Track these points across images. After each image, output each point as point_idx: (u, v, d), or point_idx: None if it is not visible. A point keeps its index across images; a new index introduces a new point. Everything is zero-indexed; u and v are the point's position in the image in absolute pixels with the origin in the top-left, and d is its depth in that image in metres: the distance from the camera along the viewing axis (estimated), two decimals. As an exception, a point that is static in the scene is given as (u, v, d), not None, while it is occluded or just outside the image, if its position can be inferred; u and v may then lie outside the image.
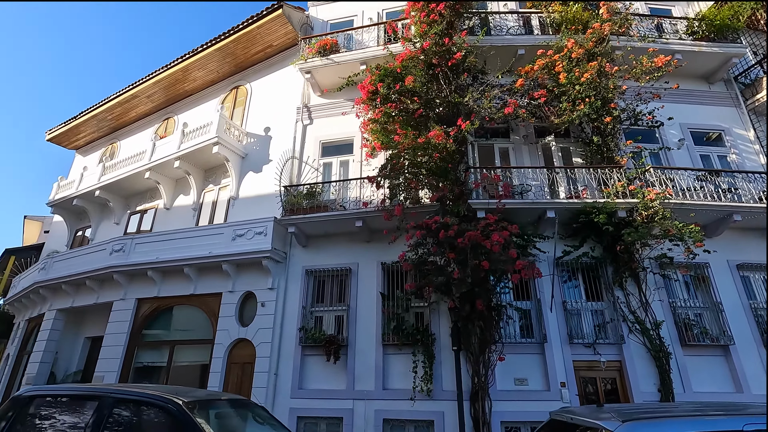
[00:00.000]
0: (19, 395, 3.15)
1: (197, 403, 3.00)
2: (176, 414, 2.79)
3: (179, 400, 2.90)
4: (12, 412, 3.05)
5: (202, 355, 10.02)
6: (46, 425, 3.02)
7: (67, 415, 3.05)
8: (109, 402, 2.90)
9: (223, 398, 3.52)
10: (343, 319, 9.20)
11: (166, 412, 2.83)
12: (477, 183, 8.21)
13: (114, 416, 2.86)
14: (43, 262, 13.19)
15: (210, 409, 3.06)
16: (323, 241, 9.86)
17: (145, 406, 2.94)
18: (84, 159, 18.12)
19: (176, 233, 10.75)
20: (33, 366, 12.16)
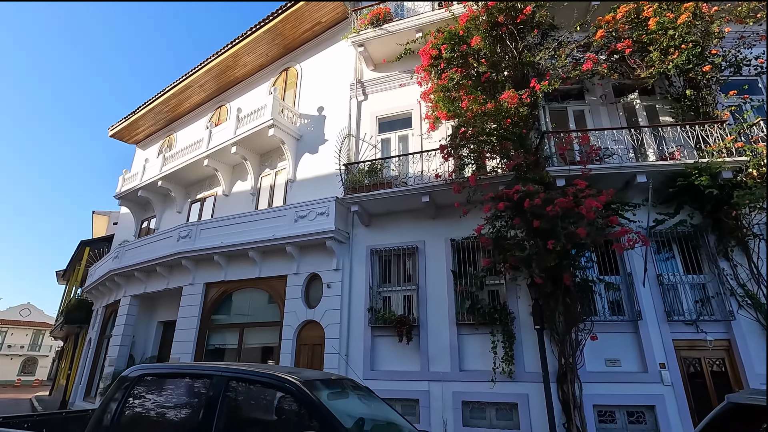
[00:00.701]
0: (127, 375, 3.02)
1: (312, 382, 2.73)
2: (296, 393, 2.52)
3: (296, 379, 2.64)
4: (121, 392, 2.91)
5: (271, 337, 10.08)
6: (157, 404, 2.88)
7: (177, 394, 2.89)
8: (222, 381, 2.68)
9: (333, 378, 3.25)
10: (412, 299, 8.86)
11: (283, 391, 2.57)
12: (563, 147, 7.50)
13: (229, 395, 2.64)
14: (115, 251, 13.82)
15: (323, 389, 2.78)
16: (386, 219, 9.52)
17: (261, 385, 2.71)
18: (144, 152, 18.81)
19: (239, 217, 10.80)
20: (113, 349, 12.84)
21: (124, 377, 2.99)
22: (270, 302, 10.36)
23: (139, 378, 2.94)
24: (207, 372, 2.86)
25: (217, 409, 2.55)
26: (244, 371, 2.84)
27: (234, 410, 2.66)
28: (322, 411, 2.42)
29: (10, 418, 3.52)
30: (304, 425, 2.39)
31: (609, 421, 7.03)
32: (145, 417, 2.87)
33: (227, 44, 13.72)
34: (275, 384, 2.64)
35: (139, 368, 3.05)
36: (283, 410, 2.58)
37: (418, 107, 10.25)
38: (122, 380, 2.99)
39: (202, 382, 2.80)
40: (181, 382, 2.93)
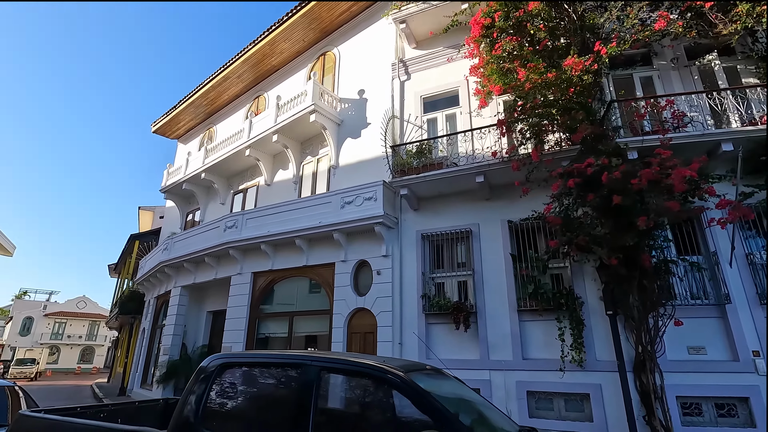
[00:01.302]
0: (207, 365, 2.80)
1: (413, 371, 2.43)
2: (400, 384, 2.22)
3: (396, 369, 2.34)
4: (201, 385, 2.70)
5: (320, 326, 9.96)
6: (242, 396, 2.67)
7: (264, 385, 2.66)
8: (313, 371, 2.41)
9: (428, 367, 2.93)
10: (468, 285, 8.46)
11: (385, 383, 2.27)
12: (640, 114, 6.82)
13: (322, 386, 2.37)
14: (164, 243, 14.13)
15: (424, 379, 2.47)
16: (437, 202, 9.11)
17: (358, 375, 2.41)
18: (185, 147, 19.14)
19: (284, 205, 10.68)
20: (167, 338, 13.18)
21: (204, 368, 2.77)
22: (318, 290, 10.23)
23: (220, 368, 2.72)
24: (295, 361, 2.58)
25: (312, 403, 2.28)
26: (338, 360, 2.54)
27: (330, 403, 2.39)
28: (435, 405, 2.10)
29: (87, 407, 3.45)
30: (415, 421, 2.08)
31: (695, 414, 6.42)
32: (230, 411, 2.64)
33: (263, 32, 13.56)
34: (375, 374, 2.33)
35: (220, 357, 2.82)
36: (387, 404, 2.28)
37: (466, 84, 9.72)
38: (201, 371, 2.78)
39: (291, 372, 2.54)
40: (266, 372, 2.68)
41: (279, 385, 2.61)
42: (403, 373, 2.31)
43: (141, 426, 2.86)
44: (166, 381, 12.34)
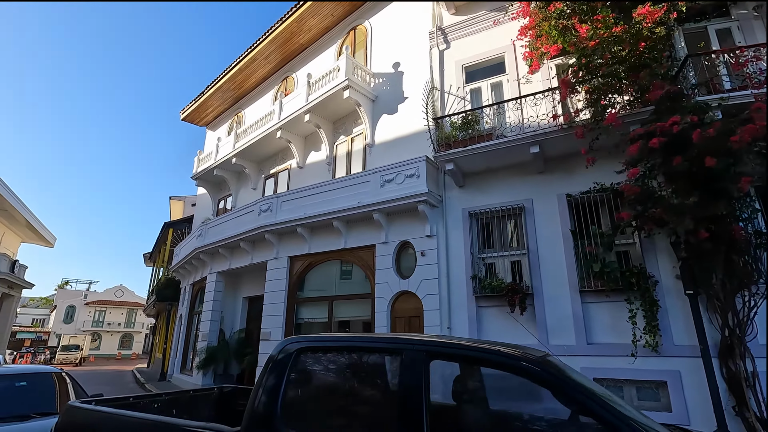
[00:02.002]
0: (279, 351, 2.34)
1: (546, 359, 1.93)
2: (542, 375, 1.72)
3: (536, 356, 1.84)
4: (275, 376, 2.27)
5: (362, 310, 9.59)
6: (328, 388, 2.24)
7: (355, 374, 2.22)
8: (418, 357, 1.92)
9: (546, 354, 2.41)
10: (521, 265, 7.87)
11: (518, 372, 1.77)
12: (740, 64, 5.98)
13: (434, 377, 1.90)
14: (198, 229, 14.04)
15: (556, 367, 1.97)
16: (484, 177, 8.49)
17: (482, 363, 1.92)
18: (214, 133, 18.99)
19: (320, 186, 10.27)
20: (204, 324, 13.16)
21: (277, 355, 2.32)
22: (359, 274, 9.83)
23: (297, 354, 2.28)
24: (394, 345, 2.11)
25: (423, 397, 1.80)
26: (452, 345, 2.05)
27: (446, 397, 1.93)
28: (592, 400, 1.60)
29: (141, 397, 3.14)
30: (568, 420, 1.60)
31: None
32: (316, 406, 2.20)
33: (291, 8, 13.04)
34: (508, 363, 1.82)
35: (296, 341, 2.35)
36: (524, 401, 1.80)
37: (513, 49, 8.97)
38: (273, 359, 2.33)
39: (389, 359, 2.08)
40: (355, 358, 2.23)
41: (374, 375, 2.16)
42: (541, 360, 1.80)
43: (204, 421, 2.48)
44: (205, 367, 12.32)
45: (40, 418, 4.14)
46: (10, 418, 4.02)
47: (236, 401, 3.87)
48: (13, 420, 4.01)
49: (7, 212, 22.66)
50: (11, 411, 4.15)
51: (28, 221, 24.25)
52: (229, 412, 3.82)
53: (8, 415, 4.06)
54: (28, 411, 4.20)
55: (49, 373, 4.93)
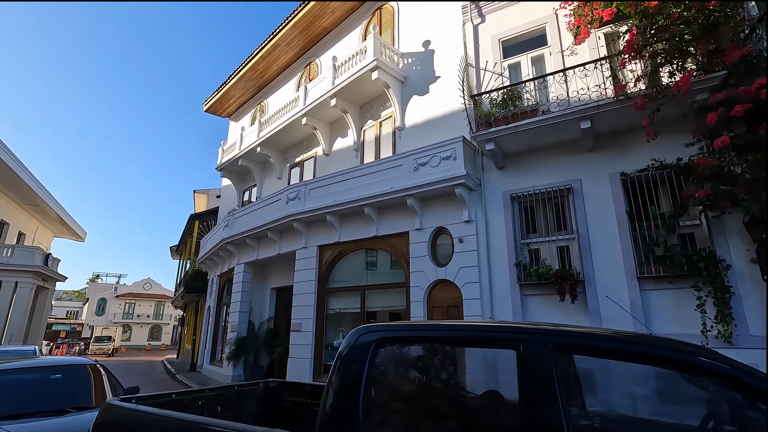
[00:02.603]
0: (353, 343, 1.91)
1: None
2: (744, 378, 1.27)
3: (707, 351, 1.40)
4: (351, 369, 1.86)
5: (396, 300, 9.22)
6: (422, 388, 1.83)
7: (452, 371, 1.82)
8: (544, 351, 1.47)
9: None
10: (570, 250, 7.33)
11: (704, 371, 1.30)
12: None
13: (566, 373, 1.46)
14: (225, 220, 13.90)
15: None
16: (526, 158, 7.94)
17: (627, 357, 1.46)
18: (237, 124, 18.83)
19: (350, 172, 9.89)
20: (233, 315, 13.05)
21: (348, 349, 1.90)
22: (392, 262, 9.45)
23: (376, 347, 1.87)
24: (503, 336, 1.66)
25: (557, 405, 1.37)
26: (588, 335, 1.60)
27: (591, 403, 1.50)
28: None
29: (184, 393, 2.85)
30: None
31: None
32: (404, 410, 1.81)
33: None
34: (676, 358, 1.35)
35: (373, 330, 1.94)
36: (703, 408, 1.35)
37: (555, 19, 8.33)
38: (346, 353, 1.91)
39: (498, 353, 1.68)
40: (451, 351, 1.83)
41: (480, 374, 1.75)
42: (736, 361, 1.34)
43: (249, 418, 2.13)
44: (235, 358, 12.22)
45: (76, 413, 3.92)
46: (46, 413, 3.81)
47: (282, 397, 3.55)
48: (49, 414, 3.80)
49: (40, 207, 23.22)
50: (46, 405, 3.94)
51: (59, 216, 24.83)
52: (275, 408, 3.51)
53: (44, 409, 3.85)
54: (64, 405, 3.98)
55: (84, 365, 4.72)
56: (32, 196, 21.30)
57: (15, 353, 7.27)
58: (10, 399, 3.89)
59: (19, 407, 3.80)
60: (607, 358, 1.47)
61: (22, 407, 3.81)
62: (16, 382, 4.08)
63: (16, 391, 3.99)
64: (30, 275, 17.84)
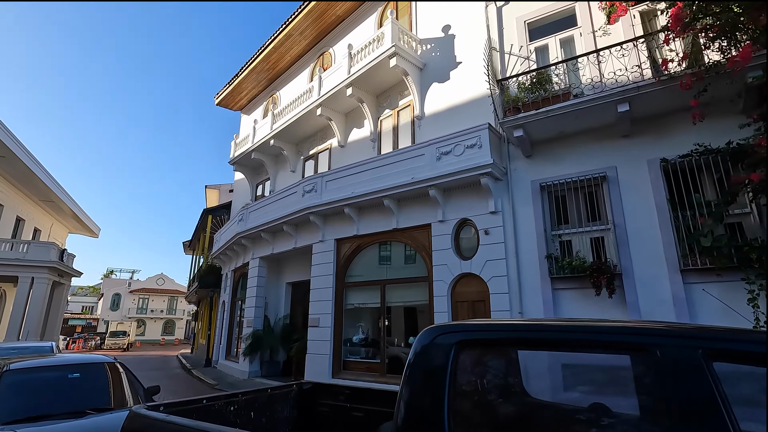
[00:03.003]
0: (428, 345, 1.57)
1: None
2: None
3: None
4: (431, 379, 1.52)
5: (418, 294, 8.93)
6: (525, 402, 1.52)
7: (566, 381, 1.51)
8: (690, 357, 1.14)
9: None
10: (603, 242, 6.95)
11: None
12: None
13: (731, 390, 1.14)
14: (239, 214, 13.69)
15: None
16: (556, 145, 7.55)
17: None
18: (249, 117, 18.59)
19: (369, 162, 9.58)
20: (249, 311, 12.88)
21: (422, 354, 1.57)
22: (413, 256, 9.14)
23: (457, 351, 1.58)
24: (632, 339, 1.31)
25: (728, 422, 1.05)
26: (744, 337, 1.26)
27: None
28: None
29: (215, 399, 2.58)
30: None
31: None
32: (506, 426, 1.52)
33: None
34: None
35: (451, 330, 1.61)
36: None
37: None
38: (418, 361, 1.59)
39: (626, 359, 1.35)
40: (560, 357, 1.52)
41: (606, 387, 1.43)
42: None
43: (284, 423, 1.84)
44: (251, 353, 12.06)
45: (95, 415, 3.69)
46: (64, 415, 3.58)
47: (317, 400, 3.28)
48: (68, 417, 3.57)
49: (54, 204, 23.32)
50: (65, 406, 3.71)
51: (73, 212, 24.94)
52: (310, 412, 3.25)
53: (62, 411, 3.62)
54: (83, 406, 3.76)
55: (103, 363, 4.50)
56: (47, 193, 21.38)
57: (31, 350, 7.13)
58: (27, 400, 3.68)
59: (36, 409, 3.58)
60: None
61: (40, 409, 3.60)
62: (34, 382, 3.87)
63: (33, 391, 3.78)
64: (46, 270, 17.90)
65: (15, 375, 3.82)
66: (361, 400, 3.01)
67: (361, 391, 3.14)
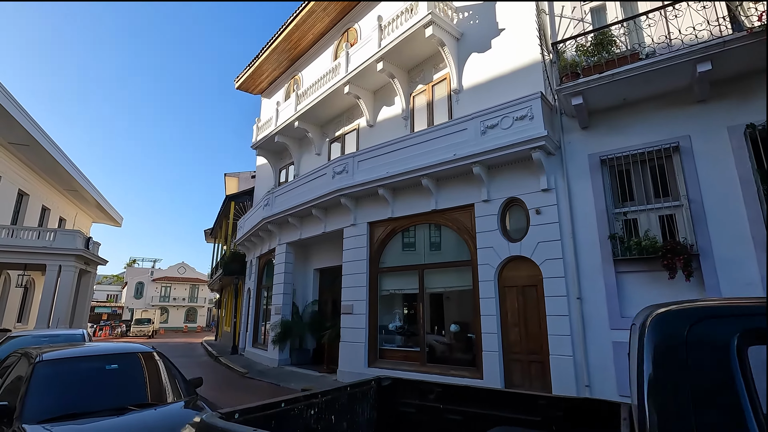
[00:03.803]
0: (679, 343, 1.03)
1: None
2: None
3: None
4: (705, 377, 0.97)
5: (459, 279, 8.39)
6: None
7: None
8: None
9: None
10: (675, 220, 6.26)
11: None
12: None
13: None
14: (265, 199, 13.30)
15: None
16: (617, 114, 6.84)
17: None
18: (269, 101, 18.11)
19: (405, 140, 9.00)
20: (277, 297, 12.55)
21: (668, 357, 1.03)
22: (453, 238, 8.58)
23: (743, 347, 1.05)
24: None
25: None
26: None
27: None
28: None
29: (293, 400, 2.11)
30: None
31: None
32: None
33: (352, -54, 11.53)
34: None
35: (725, 314, 1.12)
36: None
37: (650, -52, 7.04)
38: (671, 368, 1.03)
39: None
40: None
41: None
42: None
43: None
44: (281, 341, 11.75)
45: (137, 411, 3.29)
46: (105, 412, 3.18)
47: (397, 398, 2.80)
48: (108, 414, 3.17)
49: (78, 193, 23.40)
50: (104, 402, 3.32)
51: (97, 201, 25.04)
52: (391, 413, 2.76)
53: (101, 407, 3.22)
54: (123, 401, 3.35)
55: (141, 353, 4.10)
56: (70, 182, 21.40)
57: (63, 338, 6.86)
58: (63, 395, 3.29)
59: (74, 405, 3.19)
60: None
61: (78, 405, 3.20)
62: (69, 375, 3.48)
63: (69, 385, 3.39)
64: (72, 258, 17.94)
65: (49, 367, 3.44)
66: (452, 399, 2.51)
67: (457, 390, 2.63)
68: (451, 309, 8.76)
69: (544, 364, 6.78)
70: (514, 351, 7.15)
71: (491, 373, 7.16)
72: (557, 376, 6.51)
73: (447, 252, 8.73)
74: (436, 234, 8.99)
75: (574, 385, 6.34)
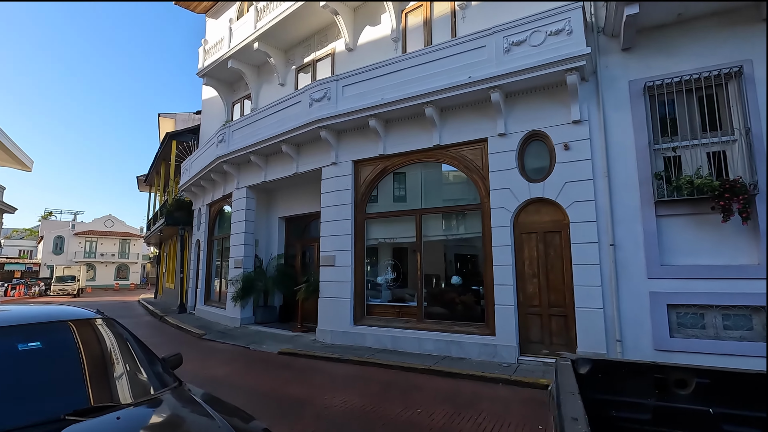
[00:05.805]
0: None
1: None
2: None
3: None
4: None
5: (467, 225, 7.40)
6: None
7: None
8: None
9: None
10: (724, 157, 5.55)
11: None
12: None
13: None
14: (219, 134, 11.21)
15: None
16: (668, 33, 5.87)
17: None
18: (216, 22, 15.30)
19: (405, 59, 7.52)
20: (236, 249, 10.93)
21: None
22: (460, 179, 7.46)
23: None
24: None
25: None
26: None
27: None
28: None
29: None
30: None
31: None
32: None
33: None
34: None
35: None
36: None
37: None
38: None
39: None
40: None
41: None
42: None
43: None
44: (243, 298, 10.28)
45: (79, 422, 1.85)
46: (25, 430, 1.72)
47: (606, 394, 1.64)
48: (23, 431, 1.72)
49: (-30, 125, 19.12)
50: (21, 411, 1.84)
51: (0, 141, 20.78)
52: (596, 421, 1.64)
53: (17, 422, 1.75)
54: (56, 408, 1.89)
55: (79, 319, 2.56)
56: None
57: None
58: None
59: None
60: None
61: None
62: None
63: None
64: (-32, 205, 14.68)
65: None
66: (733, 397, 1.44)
67: (728, 376, 1.53)
68: (453, 259, 7.79)
69: (567, 318, 6.06)
70: (532, 304, 6.36)
71: (504, 328, 6.36)
72: (584, 330, 5.82)
73: (450, 195, 7.64)
74: (436, 174, 7.80)
75: (604, 341, 5.69)
